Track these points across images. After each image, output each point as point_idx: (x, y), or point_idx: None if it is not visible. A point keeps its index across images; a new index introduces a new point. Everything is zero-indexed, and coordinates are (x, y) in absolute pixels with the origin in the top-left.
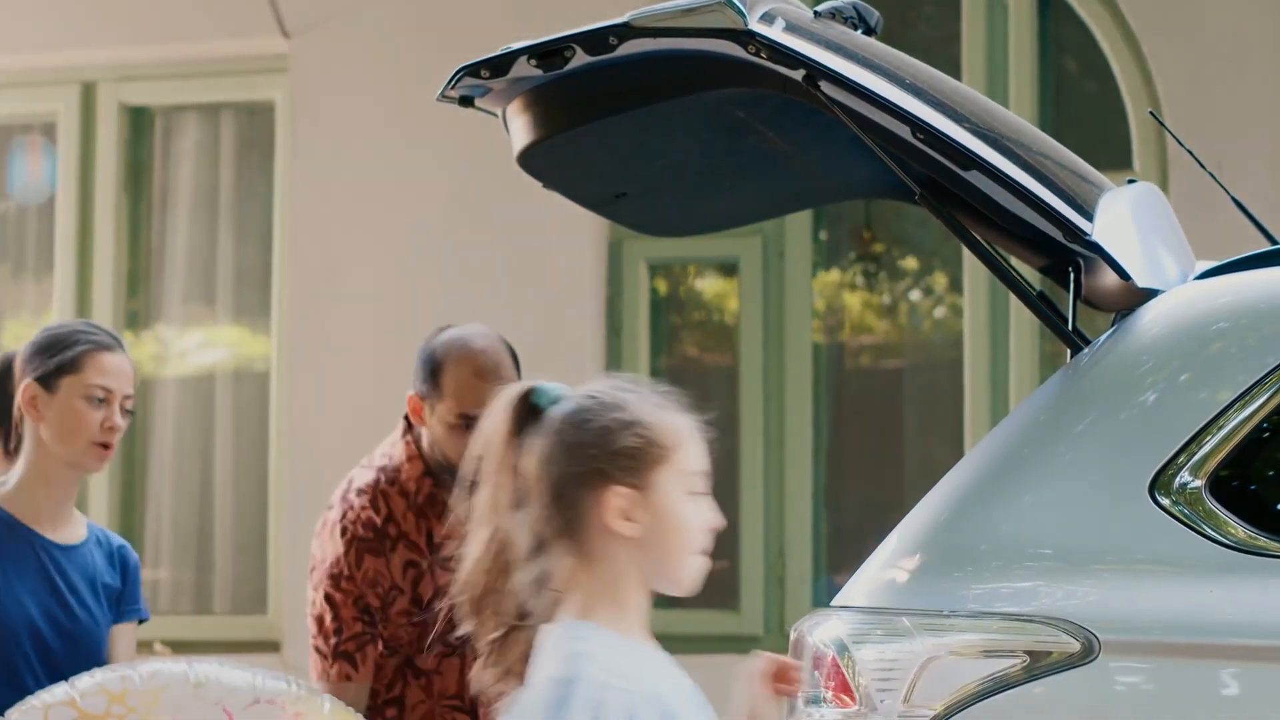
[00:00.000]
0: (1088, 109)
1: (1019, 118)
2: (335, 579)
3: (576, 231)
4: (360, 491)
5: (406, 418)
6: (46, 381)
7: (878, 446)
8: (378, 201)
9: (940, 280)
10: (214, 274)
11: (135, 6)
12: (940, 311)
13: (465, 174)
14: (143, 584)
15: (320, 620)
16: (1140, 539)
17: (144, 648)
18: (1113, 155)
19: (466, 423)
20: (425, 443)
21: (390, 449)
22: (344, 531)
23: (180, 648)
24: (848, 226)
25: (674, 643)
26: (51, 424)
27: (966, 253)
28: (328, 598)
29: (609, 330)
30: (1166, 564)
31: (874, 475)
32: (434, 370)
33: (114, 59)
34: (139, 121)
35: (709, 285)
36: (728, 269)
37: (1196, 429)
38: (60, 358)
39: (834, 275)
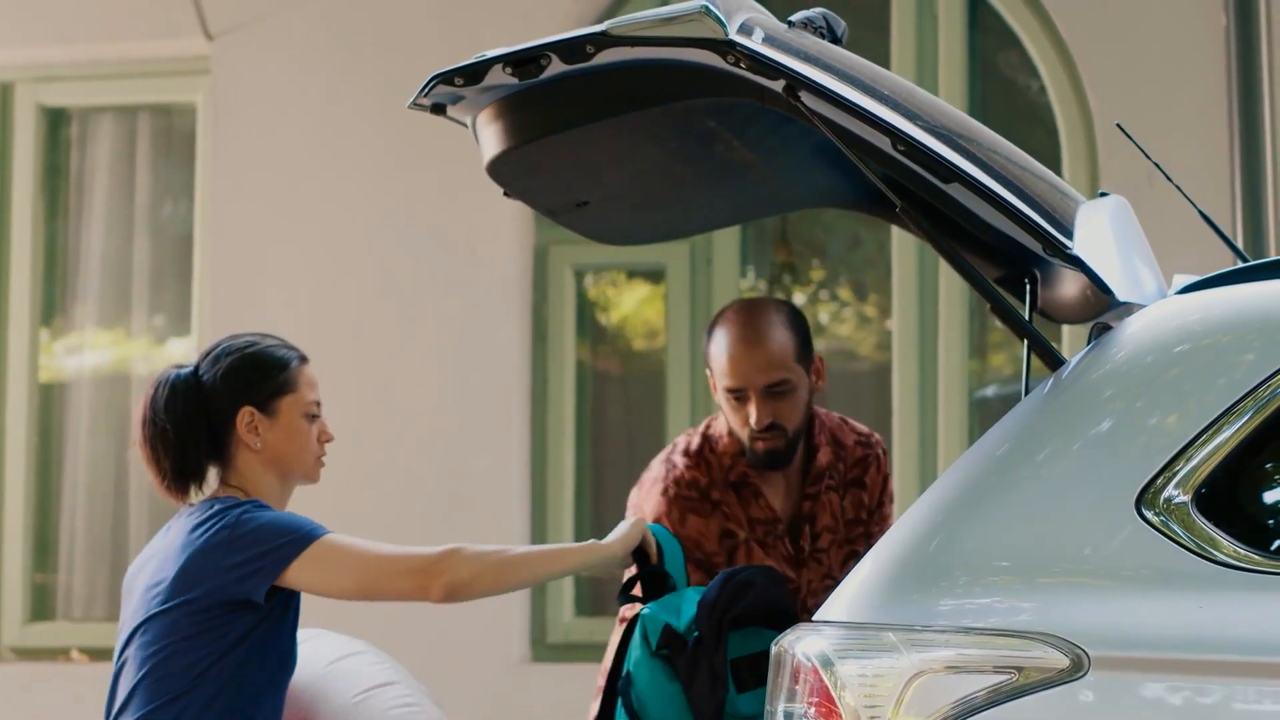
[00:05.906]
0: (1018, 119)
1: (992, 131)
2: None
3: (502, 237)
4: (685, 453)
5: None
6: (264, 404)
7: None
8: (299, 206)
9: (869, 288)
10: (131, 276)
11: (54, 6)
12: (868, 319)
13: (389, 179)
14: (58, 589)
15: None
16: (1128, 554)
17: (60, 654)
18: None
19: (737, 396)
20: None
21: (714, 419)
22: (665, 491)
23: (97, 655)
24: (776, 235)
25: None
26: (275, 444)
27: (896, 261)
28: None
29: (535, 336)
30: (1154, 579)
31: None
32: (707, 340)
33: (32, 59)
34: (56, 122)
35: (636, 292)
36: (655, 275)
37: (1182, 444)
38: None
39: (762, 283)
